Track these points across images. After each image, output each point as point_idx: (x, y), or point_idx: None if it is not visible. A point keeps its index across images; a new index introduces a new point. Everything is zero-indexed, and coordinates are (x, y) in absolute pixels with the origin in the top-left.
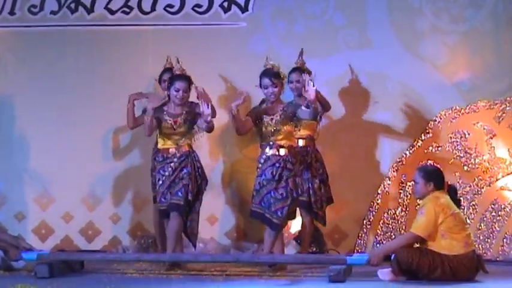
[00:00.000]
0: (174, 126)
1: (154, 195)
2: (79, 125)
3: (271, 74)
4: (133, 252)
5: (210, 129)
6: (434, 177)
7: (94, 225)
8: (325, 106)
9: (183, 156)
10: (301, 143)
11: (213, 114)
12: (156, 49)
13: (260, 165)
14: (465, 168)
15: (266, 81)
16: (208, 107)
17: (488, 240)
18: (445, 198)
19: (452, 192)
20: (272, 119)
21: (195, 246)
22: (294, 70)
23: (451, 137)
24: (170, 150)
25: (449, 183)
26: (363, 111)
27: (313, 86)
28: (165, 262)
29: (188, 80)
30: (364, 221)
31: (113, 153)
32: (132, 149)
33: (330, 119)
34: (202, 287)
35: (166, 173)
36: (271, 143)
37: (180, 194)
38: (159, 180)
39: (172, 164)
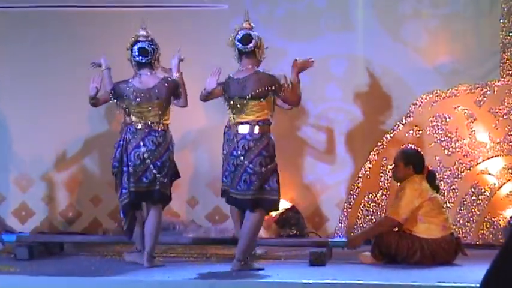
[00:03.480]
0: None
1: None
2: (60, 108)
3: None
4: (114, 234)
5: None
6: (414, 161)
7: (74, 208)
8: None
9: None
10: None
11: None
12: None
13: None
14: (446, 152)
15: None
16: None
17: (468, 224)
18: (422, 183)
19: (432, 177)
20: None
21: None
22: None
23: (431, 121)
24: None
25: (429, 168)
26: (344, 95)
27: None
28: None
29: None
30: (345, 205)
31: (93, 136)
32: (113, 131)
33: (311, 102)
34: (182, 269)
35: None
36: None
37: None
38: None
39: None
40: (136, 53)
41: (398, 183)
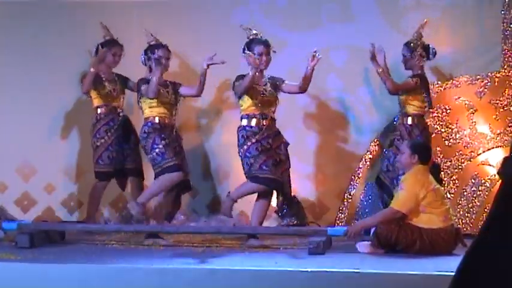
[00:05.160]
0: (169, 96)
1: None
2: (61, 97)
3: (266, 43)
4: (115, 223)
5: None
6: (420, 151)
7: (76, 197)
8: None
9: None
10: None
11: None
12: (139, 22)
13: (250, 133)
14: (446, 143)
15: (262, 48)
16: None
17: (468, 215)
18: (426, 174)
19: (436, 170)
20: (265, 89)
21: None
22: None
23: (432, 112)
24: (166, 118)
25: (434, 161)
26: (345, 86)
27: None
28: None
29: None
30: (345, 195)
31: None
32: None
33: (312, 93)
34: (182, 257)
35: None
36: (265, 112)
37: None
38: (158, 145)
39: (167, 133)
40: None
41: (401, 172)
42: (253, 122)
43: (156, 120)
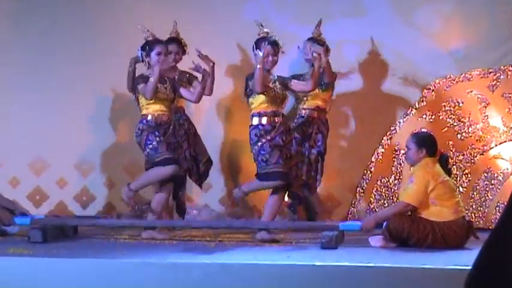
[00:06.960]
0: (167, 92)
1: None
2: (73, 90)
3: (274, 43)
4: (127, 218)
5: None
6: (427, 144)
7: (88, 191)
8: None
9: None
10: (303, 113)
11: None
12: (151, 17)
13: (262, 132)
14: (459, 136)
15: (269, 48)
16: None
17: (481, 208)
18: (435, 166)
19: (444, 160)
20: (275, 86)
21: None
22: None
23: (444, 106)
24: (163, 116)
25: (442, 151)
26: (357, 79)
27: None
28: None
29: (165, 44)
30: (358, 189)
31: (107, 120)
32: (126, 114)
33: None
34: (195, 252)
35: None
36: (276, 109)
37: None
38: (152, 141)
39: (164, 130)
40: None
41: (411, 167)
42: (264, 120)
43: (151, 118)
